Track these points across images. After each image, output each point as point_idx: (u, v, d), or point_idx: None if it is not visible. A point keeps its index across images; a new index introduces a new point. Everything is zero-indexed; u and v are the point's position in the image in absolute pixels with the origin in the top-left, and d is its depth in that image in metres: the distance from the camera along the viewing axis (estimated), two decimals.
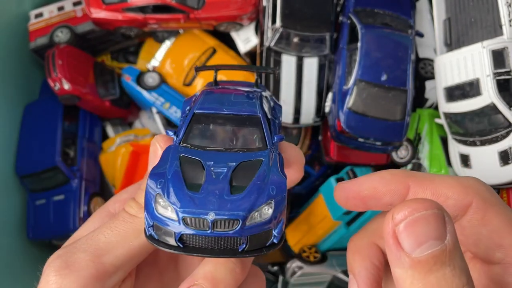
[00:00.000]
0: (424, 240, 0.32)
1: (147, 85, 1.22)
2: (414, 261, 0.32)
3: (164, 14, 1.13)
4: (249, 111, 0.46)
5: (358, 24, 1.06)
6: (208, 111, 0.46)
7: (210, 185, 0.39)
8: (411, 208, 0.33)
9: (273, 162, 0.42)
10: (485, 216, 0.40)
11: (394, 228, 0.33)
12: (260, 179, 0.40)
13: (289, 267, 1.11)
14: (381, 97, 1.04)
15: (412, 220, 0.32)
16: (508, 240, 0.39)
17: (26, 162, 1.16)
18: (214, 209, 0.37)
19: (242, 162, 0.42)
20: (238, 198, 0.38)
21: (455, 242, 0.33)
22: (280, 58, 1.09)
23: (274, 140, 0.45)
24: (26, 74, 1.27)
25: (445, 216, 0.33)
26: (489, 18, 1.00)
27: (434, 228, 0.32)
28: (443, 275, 0.32)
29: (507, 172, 0.97)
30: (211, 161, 0.42)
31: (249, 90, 0.53)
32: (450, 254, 0.32)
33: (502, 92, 0.96)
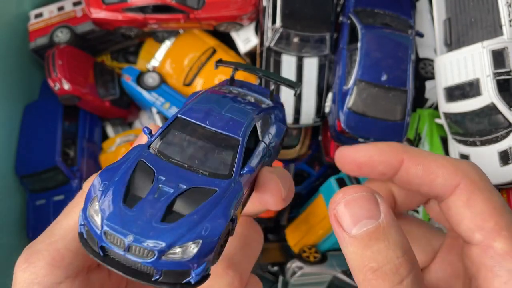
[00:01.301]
0: (359, 219, 0.37)
1: (147, 85, 1.22)
2: (352, 238, 0.37)
3: (164, 14, 1.13)
4: (231, 131, 0.42)
5: (358, 24, 1.06)
6: (191, 119, 0.43)
7: (146, 205, 0.37)
8: (344, 192, 0.38)
9: (227, 197, 0.38)
10: (470, 198, 0.43)
11: (334, 211, 0.38)
12: (199, 213, 0.37)
13: (289, 267, 1.11)
14: (381, 97, 1.04)
15: (345, 201, 0.37)
16: (490, 224, 0.41)
17: (26, 162, 1.16)
18: (135, 233, 0.35)
19: (194, 188, 0.38)
20: (164, 229, 0.35)
21: (390, 220, 0.37)
22: (280, 58, 1.09)
23: (243, 171, 0.41)
24: (26, 74, 1.27)
25: (377, 198, 0.37)
26: (489, 18, 1.00)
27: (365, 208, 0.37)
28: (378, 249, 0.36)
29: (507, 172, 0.97)
30: (164, 177, 0.38)
31: (255, 101, 0.50)
32: (384, 231, 0.36)
33: (502, 92, 0.96)
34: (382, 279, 0.36)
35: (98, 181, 0.39)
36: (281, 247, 1.19)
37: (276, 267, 1.13)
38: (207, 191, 0.38)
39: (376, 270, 0.36)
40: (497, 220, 0.42)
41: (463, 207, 0.43)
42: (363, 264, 0.36)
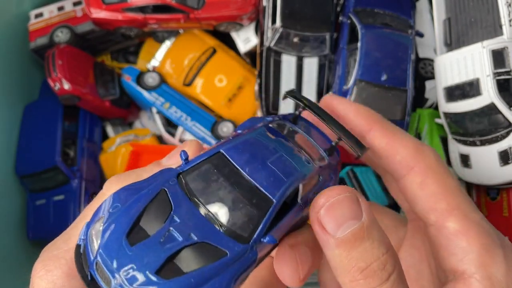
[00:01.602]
0: (343, 221, 0.36)
1: (147, 85, 1.22)
2: (338, 241, 0.36)
3: (164, 14, 1.13)
4: (268, 189, 0.37)
5: (358, 24, 1.06)
6: (232, 159, 0.38)
7: (148, 248, 0.33)
8: (327, 195, 0.37)
9: (235, 267, 0.34)
10: (424, 180, 0.45)
11: (317, 216, 0.37)
12: (198, 277, 0.32)
13: None
14: (381, 97, 1.04)
15: (329, 205, 0.37)
16: (442, 205, 0.43)
17: (26, 162, 1.16)
18: (123, 277, 0.31)
19: (204, 243, 0.34)
20: (156, 283, 0.31)
21: (371, 218, 0.37)
22: (280, 58, 1.09)
23: (265, 239, 0.36)
24: (26, 74, 1.27)
25: (358, 198, 0.38)
26: (489, 18, 1.00)
27: (349, 209, 0.37)
28: (364, 248, 0.36)
29: (507, 172, 0.97)
30: (179, 219, 0.34)
31: (311, 154, 0.43)
32: (367, 230, 0.37)
33: (502, 92, 0.96)
34: (370, 277, 0.36)
35: (110, 200, 0.36)
36: None
37: None
38: (217, 252, 0.34)
39: (364, 270, 0.36)
40: (449, 201, 0.43)
41: (417, 189, 0.45)
42: (350, 265, 0.36)
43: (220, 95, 1.21)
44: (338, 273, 0.38)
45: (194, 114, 1.20)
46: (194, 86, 1.22)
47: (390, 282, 0.36)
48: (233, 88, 1.21)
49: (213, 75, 1.22)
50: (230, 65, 1.23)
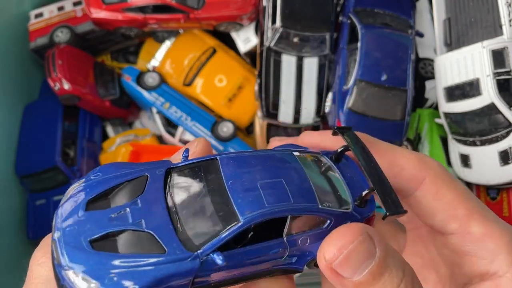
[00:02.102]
0: (359, 265, 0.35)
1: (147, 85, 1.22)
2: (356, 283, 0.35)
3: (164, 14, 1.13)
4: (241, 208, 0.34)
5: (358, 24, 1.06)
6: (221, 168, 0.37)
7: (97, 218, 0.34)
8: (339, 245, 0.35)
9: (166, 269, 0.32)
10: (439, 190, 0.43)
11: (330, 266, 0.36)
12: (123, 259, 0.32)
13: None
14: (381, 97, 1.04)
15: (343, 257, 0.35)
16: (461, 211, 0.43)
17: (26, 162, 1.16)
18: (62, 234, 0.33)
19: (149, 234, 0.34)
20: (83, 251, 0.32)
21: (384, 249, 0.36)
22: (280, 58, 1.09)
23: (214, 256, 0.33)
24: (26, 74, 1.27)
25: (369, 233, 0.36)
26: (489, 18, 1.00)
27: (364, 253, 0.35)
28: (383, 283, 0.36)
29: (507, 172, 0.97)
30: (141, 204, 0.35)
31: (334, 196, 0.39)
32: (384, 262, 0.36)
33: (502, 92, 0.96)
34: None
35: (95, 170, 0.37)
36: None
37: None
38: (156, 247, 0.33)
39: None
40: (467, 207, 0.43)
41: (433, 200, 0.44)
42: None
43: (220, 95, 1.21)
44: None
45: (194, 114, 1.20)
46: (194, 86, 1.22)
47: None
48: (233, 88, 1.21)
49: (213, 75, 1.22)
50: (230, 65, 1.23)
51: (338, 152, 0.43)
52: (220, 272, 0.34)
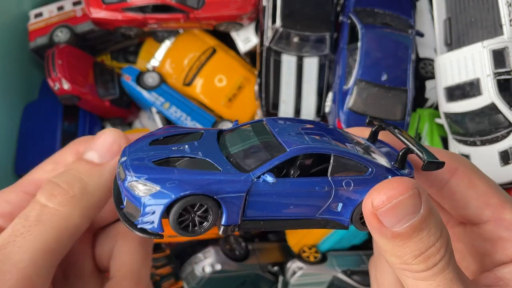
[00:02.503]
0: (402, 217, 0.37)
1: (147, 85, 1.22)
2: (394, 234, 0.37)
3: (164, 14, 1.12)
4: (288, 144, 0.40)
5: (358, 24, 1.06)
6: (269, 125, 0.43)
7: (160, 149, 0.41)
8: (388, 194, 0.37)
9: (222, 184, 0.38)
10: (471, 180, 0.46)
11: (374, 212, 0.37)
12: (181, 172, 0.38)
13: (289, 267, 1.11)
14: (381, 97, 1.04)
15: (390, 206, 0.37)
16: (495, 199, 0.45)
17: (26, 162, 1.16)
18: (130, 157, 0.40)
19: (205, 160, 0.40)
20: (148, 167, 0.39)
21: (429, 207, 0.38)
22: (280, 58, 1.09)
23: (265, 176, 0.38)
24: (26, 74, 1.27)
25: (419, 190, 0.38)
26: (489, 18, 1.00)
27: (411, 207, 0.37)
28: (421, 238, 0.37)
29: (507, 172, 0.97)
30: (197, 144, 0.42)
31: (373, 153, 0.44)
32: (426, 219, 0.37)
33: (503, 92, 0.96)
34: (424, 262, 0.38)
35: (157, 129, 0.45)
36: (281, 247, 1.19)
37: (276, 267, 1.13)
38: (211, 167, 0.38)
39: (418, 256, 0.38)
40: (499, 196, 0.45)
41: (467, 189, 0.46)
42: (405, 252, 0.38)
43: (220, 95, 1.21)
44: (387, 254, 0.39)
45: (194, 114, 1.20)
46: (194, 86, 1.22)
47: (442, 263, 0.38)
48: (233, 88, 1.21)
49: (213, 75, 1.22)
50: (230, 65, 1.22)
51: (372, 131, 0.47)
52: (270, 197, 0.38)
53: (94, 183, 0.42)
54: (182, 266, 1.10)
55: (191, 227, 0.38)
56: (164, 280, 1.10)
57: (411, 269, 0.38)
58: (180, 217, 0.37)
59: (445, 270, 0.38)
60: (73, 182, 0.41)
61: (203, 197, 0.36)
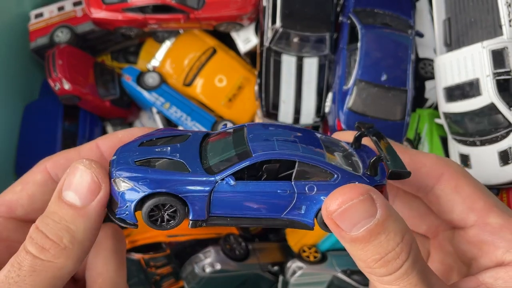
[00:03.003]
0: (357, 222, 0.38)
1: (147, 85, 1.22)
2: (353, 237, 0.39)
3: (164, 14, 1.13)
4: (255, 150, 0.44)
5: (358, 24, 1.06)
6: (247, 131, 0.46)
7: (145, 150, 0.46)
8: (340, 200, 0.39)
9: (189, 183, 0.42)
10: (457, 184, 0.46)
11: (329, 216, 0.39)
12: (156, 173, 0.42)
13: (289, 267, 1.11)
14: (381, 97, 1.04)
15: (342, 211, 0.38)
16: (480, 204, 0.45)
17: (26, 162, 1.16)
18: (117, 158, 0.45)
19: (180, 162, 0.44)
20: (128, 164, 0.43)
21: (386, 212, 0.39)
22: (280, 58, 1.09)
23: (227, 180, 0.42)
24: (26, 74, 1.27)
25: (372, 195, 0.39)
26: (489, 18, 1.00)
27: (363, 211, 0.38)
28: (379, 242, 0.38)
29: (507, 172, 0.97)
30: (180, 146, 0.45)
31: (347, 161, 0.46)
32: (383, 225, 0.38)
33: (502, 92, 0.96)
34: (384, 266, 0.38)
35: (152, 131, 0.50)
36: (281, 247, 1.19)
37: (276, 267, 1.13)
38: (183, 168, 0.43)
39: (378, 260, 0.38)
40: (485, 200, 0.45)
41: (453, 193, 0.46)
42: (366, 256, 0.39)
43: (220, 95, 1.21)
44: (355, 260, 0.40)
45: (194, 114, 1.20)
46: (194, 86, 1.22)
47: (404, 268, 0.39)
48: (233, 88, 1.21)
49: (213, 75, 1.22)
50: (230, 65, 1.23)
51: (355, 137, 0.48)
52: (233, 198, 0.42)
53: (81, 230, 0.41)
54: (182, 266, 1.11)
55: (160, 222, 0.43)
56: (164, 280, 1.10)
57: (375, 273, 0.39)
58: (152, 212, 0.42)
59: (409, 275, 0.39)
60: (61, 233, 0.40)
61: (170, 196, 0.42)
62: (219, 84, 1.21)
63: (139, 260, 1.06)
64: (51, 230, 0.40)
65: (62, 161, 0.49)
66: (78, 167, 0.42)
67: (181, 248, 1.13)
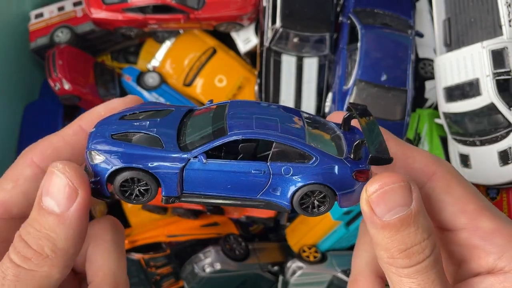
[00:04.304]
0: (392, 207, 0.38)
1: (147, 85, 1.22)
2: (384, 223, 0.39)
3: (164, 14, 1.13)
4: (231, 128, 0.42)
5: (358, 24, 1.06)
6: (228, 108, 0.45)
7: (125, 124, 0.45)
8: (382, 182, 0.39)
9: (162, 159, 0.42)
10: (449, 184, 0.45)
11: (368, 199, 0.39)
12: (129, 147, 0.42)
13: (289, 267, 1.11)
14: (381, 97, 1.04)
15: (382, 192, 0.38)
16: (471, 206, 0.44)
17: None
18: (95, 130, 0.45)
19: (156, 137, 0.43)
20: (104, 138, 0.43)
21: (419, 206, 0.39)
22: (280, 58, 1.09)
23: (199, 157, 0.42)
24: (26, 74, 1.27)
25: (411, 185, 0.39)
26: (489, 18, 1.00)
27: (401, 197, 0.38)
28: (408, 233, 0.39)
29: (507, 172, 0.97)
30: (159, 121, 0.45)
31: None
32: (414, 217, 0.39)
33: (502, 92, 0.96)
34: (408, 257, 0.39)
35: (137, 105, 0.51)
36: (281, 247, 1.19)
37: (276, 267, 1.13)
38: (157, 144, 0.42)
39: (403, 251, 0.39)
40: (476, 202, 0.44)
41: (444, 193, 0.45)
42: (392, 245, 0.39)
43: (220, 95, 1.21)
44: (377, 248, 0.40)
45: None
46: (194, 86, 1.22)
47: (425, 263, 0.39)
48: (233, 88, 1.21)
49: (213, 75, 1.22)
50: (230, 65, 1.23)
51: (344, 118, 0.46)
52: (206, 176, 0.42)
53: (63, 238, 0.40)
54: (182, 266, 1.11)
55: (134, 196, 0.43)
56: (164, 280, 1.10)
57: (396, 263, 0.39)
58: (124, 184, 0.42)
59: (428, 271, 0.39)
60: (42, 242, 0.39)
61: (141, 171, 0.41)
62: (219, 84, 1.21)
63: (139, 260, 1.06)
64: (32, 239, 0.40)
65: (48, 152, 0.47)
66: (53, 171, 0.40)
67: (181, 248, 1.13)
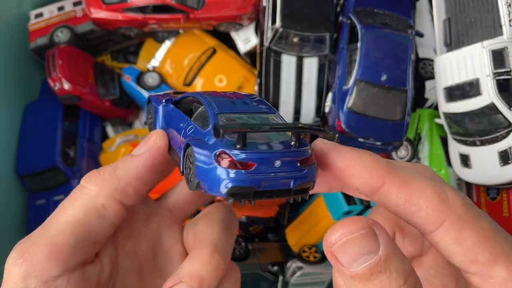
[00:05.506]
0: (358, 257, 0.35)
1: (147, 85, 1.22)
2: (352, 273, 0.36)
3: (164, 14, 1.13)
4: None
5: (358, 24, 1.06)
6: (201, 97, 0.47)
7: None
8: (340, 232, 0.36)
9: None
10: (460, 234, 0.40)
11: (330, 250, 0.36)
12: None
13: (289, 267, 1.11)
14: (381, 97, 1.04)
15: (342, 243, 0.36)
16: (484, 256, 0.40)
17: (26, 162, 1.16)
18: None
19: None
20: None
21: (390, 250, 0.36)
22: (280, 58, 1.09)
23: None
24: (26, 74, 1.27)
25: (375, 231, 0.36)
26: (489, 18, 1.00)
27: (364, 246, 0.35)
28: (380, 282, 0.35)
29: (507, 172, 0.97)
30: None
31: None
32: (385, 263, 0.35)
33: (502, 92, 0.96)
34: None
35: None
36: (281, 247, 1.19)
37: (276, 267, 1.13)
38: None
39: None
40: (490, 250, 0.40)
41: (453, 244, 0.40)
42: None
43: None
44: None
45: None
46: (194, 86, 1.22)
47: None
48: (233, 88, 1.21)
49: (213, 75, 1.22)
50: (230, 65, 1.23)
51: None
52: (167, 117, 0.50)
53: (123, 169, 0.46)
54: None
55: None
56: None
57: None
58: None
59: None
60: (108, 167, 0.46)
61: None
62: (219, 84, 1.21)
63: None
64: (103, 168, 0.46)
65: None
66: (151, 134, 0.48)
67: None
